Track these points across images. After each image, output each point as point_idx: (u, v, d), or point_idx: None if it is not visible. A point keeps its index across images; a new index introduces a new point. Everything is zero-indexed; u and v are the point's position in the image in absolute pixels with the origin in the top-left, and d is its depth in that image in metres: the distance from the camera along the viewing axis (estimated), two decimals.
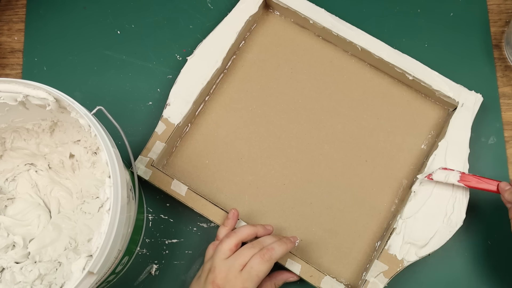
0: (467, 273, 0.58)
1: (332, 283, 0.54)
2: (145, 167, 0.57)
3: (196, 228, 0.59)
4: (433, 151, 0.58)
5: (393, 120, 0.61)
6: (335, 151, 0.60)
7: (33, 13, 0.67)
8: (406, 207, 0.56)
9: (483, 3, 0.66)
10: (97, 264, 0.40)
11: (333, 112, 0.62)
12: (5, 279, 0.51)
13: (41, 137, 0.55)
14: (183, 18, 0.66)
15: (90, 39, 0.66)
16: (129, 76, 0.64)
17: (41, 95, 0.44)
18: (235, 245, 0.50)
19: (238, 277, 0.48)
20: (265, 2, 0.63)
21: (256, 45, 0.64)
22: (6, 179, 0.55)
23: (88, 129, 0.44)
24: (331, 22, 0.61)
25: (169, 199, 0.58)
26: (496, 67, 0.64)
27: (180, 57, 0.65)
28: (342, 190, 0.59)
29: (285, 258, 0.55)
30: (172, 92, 0.60)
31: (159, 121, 0.59)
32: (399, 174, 0.60)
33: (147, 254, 0.59)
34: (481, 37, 0.65)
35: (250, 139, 0.61)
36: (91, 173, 0.56)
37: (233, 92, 0.63)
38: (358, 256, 0.57)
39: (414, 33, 0.65)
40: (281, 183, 0.60)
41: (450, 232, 0.55)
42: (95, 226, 0.54)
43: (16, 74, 0.65)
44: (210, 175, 0.60)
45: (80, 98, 0.63)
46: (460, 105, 0.58)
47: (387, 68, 0.61)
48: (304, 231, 0.58)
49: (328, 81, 0.63)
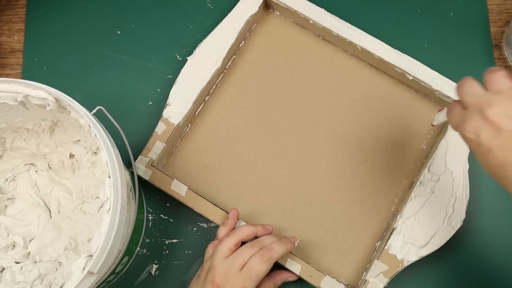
0: (467, 273, 0.58)
1: (332, 283, 0.54)
2: (145, 167, 0.57)
3: (196, 228, 0.59)
4: (433, 151, 0.58)
5: (393, 120, 0.61)
6: (335, 151, 0.60)
7: (33, 13, 0.67)
8: (406, 207, 0.56)
9: (483, 3, 0.66)
10: (97, 264, 0.40)
11: (333, 112, 0.62)
12: (5, 279, 0.51)
13: (41, 137, 0.55)
14: (183, 18, 0.66)
15: (90, 39, 0.66)
16: (129, 76, 0.64)
17: (41, 95, 0.44)
18: (235, 245, 0.50)
19: (237, 276, 0.48)
20: (265, 2, 0.63)
21: (256, 45, 0.64)
22: (6, 179, 0.56)
23: (88, 129, 0.44)
24: (331, 22, 0.61)
25: (169, 199, 0.58)
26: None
27: (180, 57, 0.65)
28: (342, 190, 0.59)
29: (285, 258, 0.55)
30: (172, 92, 0.60)
31: (159, 121, 0.59)
32: (399, 174, 0.60)
33: (147, 254, 0.59)
34: (481, 37, 0.65)
35: (250, 139, 0.61)
36: (91, 173, 0.56)
37: (233, 92, 0.63)
38: (358, 256, 0.57)
39: (414, 33, 0.65)
40: (281, 183, 0.60)
41: (450, 232, 0.55)
42: (95, 226, 0.54)
43: (16, 74, 0.65)
44: (210, 175, 0.60)
45: (80, 98, 0.63)
46: None
47: (387, 68, 0.61)
48: (304, 231, 0.58)
49: (328, 81, 0.63)
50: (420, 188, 0.56)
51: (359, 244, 0.58)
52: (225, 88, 0.63)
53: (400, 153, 0.60)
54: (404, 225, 0.55)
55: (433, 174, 0.56)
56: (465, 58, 0.64)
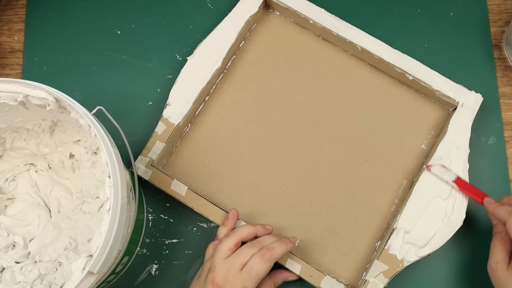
0: (467, 273, 0.58)
1: (332, 283, 0.54)
2: (145, 167, 0.57)
3: (196, 228, 0.59)
4: (433, 151, 0.58)
5: (393, 120, 0.61)
6: (335, 151, 0.60)
7: (33, 13, 0.67)
8: (406, 207, 0.56)
9: (483, 3, 0.66)
10: (97, 264, 0.40)
11: (333, 112, 0.62)
12: (5, 279, 0.51)
13: (41, 137, 0.55)
14: (183, 18, 0.66)
15: (90, 39, 0.66)
16: (129, 76, 0.64)
17: (41, 95, 0.44)
18: (235, 245, 0.50)
19: (238, 276, 0.48)
20: (265, 2, 0.64)
21: (256, 45, 0.64)
22: (6, 179, 0.55)
23: (88, 129, 0.44)
24: (331, 22, 0.61)
25: (169, 199, 0.58)
26: (496, 67, 0.64)
27: (180, 57, 0.65)
28: (342, 190, 0.59)
29: (285, 258, 0.55)
30: (172, 92, 0.60)
31: (159, 121, 0.59)
32: (399, 174, 0.60)
33: (147, 254, 0.59)
34: (481, 37, 0.65)
35: (250, 139, 0.61)
36: (91, 173, 0.56)
37: (233, 92, 0.63)
38: (358, 256, 0.57)
39: (414, 33, 0.65)
40: (281, 183, 0.60)
41: (450, 232, 0.55)
42: (95, 226, 0.54)
43: (16, 74, 0.65)
44: (210, 175, 0.60)
45: (80, 98, 0.63)
46: (460, 105, 0.58)
47: (387, 68, 0.61)
48: (304, 231, 0.58)
49: (328, 81, 0.63)
50: (420, 188, 0.56)
51: (359, 244, 0.58)
52: (225, 88, 0.63)
53: (400, 153, 0.60)
54: (404, 225, 0.55)
55: (433, 174, 0.56)
56: (465, 58, 0.64)
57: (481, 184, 0.59)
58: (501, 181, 0.60)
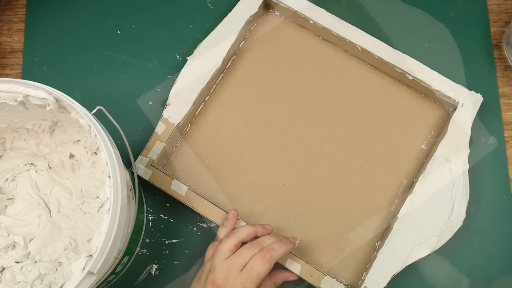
0: (467, 273, 0.58)
1: (332, 283, 0.54)
2: (145, 167, 0.57)
3: (196, 228, 0.59)
4: (433, 151, 0.58)
5: (393, 120, 0.61)
6: (335, 151, 0.60)
7: (33, 13, 0.67)
8: (406, 207, 0.56)
9: (483, 3, 0.66)
10: (97, 264, 0.40)
11: (333, 112, 0.62)
12: (5, 278, 0.51)
13: (41, 137, 0.55)
14: (183, 18, 0.66)
15: (90, 39, 0.66)
16: (129, 76, 0.64)
17: (41, 95, 0.44)
18: (235, 245, 0.50)
19: (238, 277, 0.48)
20: (265, 2, 0.63)
21: (256, 45, 0.64)
22: (6, 179, 0.56)
23: (88, 129, 0.44)
24: (331, 22, 0.61)
25: (169, 199, 0.58)
26: (496, 67, 0.64)
27: (180, 57, 0.65)
28: (342, 190, 0.59)
29: (285, 258, 0.55)
30: (172, 92, 0.60)
31: (159, 121, 0.59)
32: (399, 174, 0.60)
33: (147, 254, 0.59)
34: (481, 37, 0.65)
35: (250, 139, 0.61)
36: (91, 173, 0.56)
37: (233, 92, 0.63)
38: (358, 256, 0.57)
39: (414, 33, 0.65)
40: (281, 183, 0.60)
41: (450, 232, 0.55)
42: (95, 226, 0.54)
43: (16, 74, 0.65)
44: (210, 175, 0.60)
45: (80, 98, 0.63)
46: (460, 105, 0.58)
47: (387, 68, 0.61)
48: (304, 231, 0.58)
49: (328, 81, 0.63)
50: (420, 188, 0.56)
51: (359, 244, 0.58)
52: (225, 88, 0.63)
53: (400, 153, 0.60)
54: (404, 225, 0.55)
55: (433, 174, 0.56)
56: (465, 58, 0.64)
57: (481, 184, 0.60)
58: (501, 181, 0.60)
